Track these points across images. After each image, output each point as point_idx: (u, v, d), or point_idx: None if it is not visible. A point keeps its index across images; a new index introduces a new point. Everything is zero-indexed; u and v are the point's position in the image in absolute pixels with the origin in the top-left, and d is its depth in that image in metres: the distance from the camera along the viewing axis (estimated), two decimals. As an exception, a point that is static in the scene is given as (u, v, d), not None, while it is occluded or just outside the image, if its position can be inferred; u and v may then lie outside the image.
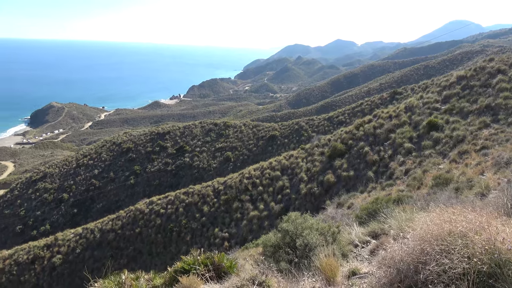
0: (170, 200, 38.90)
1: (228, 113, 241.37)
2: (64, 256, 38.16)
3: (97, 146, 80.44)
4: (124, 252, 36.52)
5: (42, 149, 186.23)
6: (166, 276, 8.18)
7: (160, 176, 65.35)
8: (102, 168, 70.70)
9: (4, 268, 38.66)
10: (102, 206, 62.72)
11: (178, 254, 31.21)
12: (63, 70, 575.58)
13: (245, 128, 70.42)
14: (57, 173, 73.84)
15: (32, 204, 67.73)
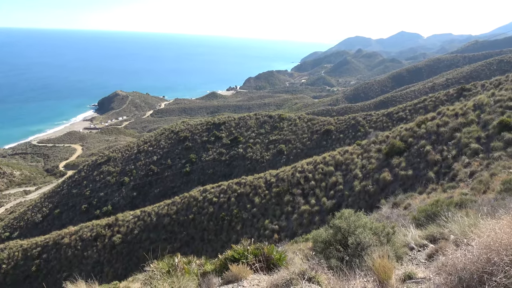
0: (223, 189, 39.78)
1: (283, 106, 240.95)
2: (123, 236, 40.60)
3: (157, 133, 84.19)
4: (177, 236, 38.05)
5: (107, 134, 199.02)
6: (217, 263, 8.38)
7: (214, 166, 67.04)
8: (160, 155, 73.96)
9: (70, 243, 42.01)
10: (159, 191, 65.73)
11: (229, 243, 31.93)
12: (128, 60, 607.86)
13: (300, 121, 69.88)
14: (119, 158, 78.47)
15: (97, 186, 72.70)
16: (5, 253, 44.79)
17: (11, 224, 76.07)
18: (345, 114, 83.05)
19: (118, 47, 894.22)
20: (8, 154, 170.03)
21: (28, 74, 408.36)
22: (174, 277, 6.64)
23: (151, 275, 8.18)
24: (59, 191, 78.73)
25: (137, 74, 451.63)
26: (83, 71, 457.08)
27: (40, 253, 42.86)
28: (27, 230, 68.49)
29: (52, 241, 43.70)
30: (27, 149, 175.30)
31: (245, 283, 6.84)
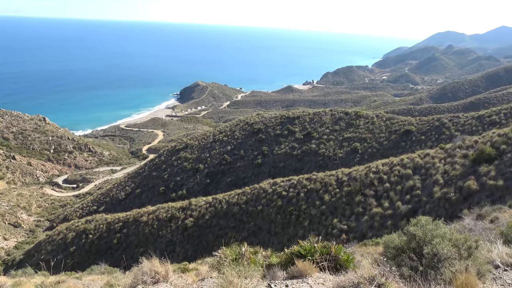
0: (292, 183, 39.73)
1: (360, 103, 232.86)
2: (195, 219, 42.63)
3: (232, 124, 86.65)
4: (245, 225, 38.94)
5: (186, 122, 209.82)
6: (283, 257, 8.37)
7: (286, 159, 67.20)
8: (234, 145, 76.07)
9: (148, 222, 45.20)
10: (231, 180, 67.75)
11: (295, 237, 31.86)
12: (208, 51, 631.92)
13: (378, 119, 66.95)
14: (196, 145, 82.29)
15: (174, 170, 77.14)
16: (92, 225, 49.66)
17: (98, 199, 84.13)
18: (428, 115, 77.69)
19: (187, 39, 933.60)
20: (100, 135, 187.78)
21: (117, 63, 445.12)
22: (241, 266, 6.77)
23: (219, 260, 8.44)
24: (141, 173, 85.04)
25: (217, 66, 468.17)
26: (165, 61, 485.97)
27: (121, 228, 46.78)
28: (111, 206, 75.20)
29: (132, 218, 47.41)
30: (115, 132, 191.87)
31: (310, 280, 6.72)
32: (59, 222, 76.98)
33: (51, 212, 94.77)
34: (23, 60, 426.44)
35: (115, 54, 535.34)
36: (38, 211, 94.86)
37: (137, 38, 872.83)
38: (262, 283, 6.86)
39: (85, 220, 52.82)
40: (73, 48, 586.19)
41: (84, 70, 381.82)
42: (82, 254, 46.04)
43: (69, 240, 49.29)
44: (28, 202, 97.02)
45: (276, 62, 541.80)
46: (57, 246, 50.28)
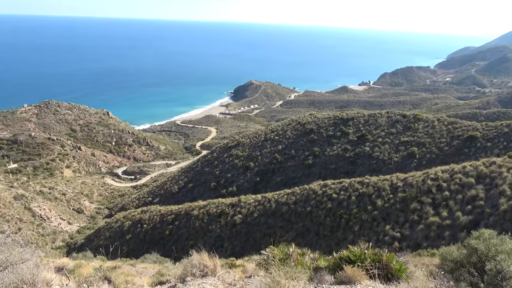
0: (344, 186, 38.82)
1: (420, 105, 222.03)
2: (243, 216, 43.12)
3: (284, 124, 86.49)
4: (293, 226, 38.70)
5: (239, 120, 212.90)
6: (331, 261, 8.16)
7: (338, 161, 65.83)
8: (285, 145, 75.90)
9: (199, 216, 46.46)
10: (281, 180, 67.68)
11: (344, 242, 31.10)
12: (263, 50, 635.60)
13: (439, 123, 63.39)
14: (247, 143, 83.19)
15: (225, 167, 78.58)
16: (147, 215, 52.03)
17: (153, 191, 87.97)
18: (496, 120, 72.21)
19: (254, 38, 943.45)
20: (157, 130, 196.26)
21: (178, 62, 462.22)
22: (288, 266, 6.69)
23: (266, 259, 8.43)
24: (194, 168, 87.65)
25: (271, 65, 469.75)
26: (224, 60, 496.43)
27: (173, 220, 48.53)
28: (165, 198, 78.30)
29: (184, 211, 49.00)
30: (172, 127, 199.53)
31: None
32: (117, 210, 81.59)
33: (111, 200, 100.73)
34: (91, 58, 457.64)
35: (178, 53, 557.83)
36: (99, 199, 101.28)
37: (203, 37, 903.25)
38: (309, 286, 6.73)
39: (141, 211, 55.48)
40: (142, 47, 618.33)
41: (147, 68, 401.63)
42: (136, 242, 48.41)
43: (126, 228, 52.05)
44: (91, 190, 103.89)
45: (333, 61, 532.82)
46: (114, 233, 53.33)
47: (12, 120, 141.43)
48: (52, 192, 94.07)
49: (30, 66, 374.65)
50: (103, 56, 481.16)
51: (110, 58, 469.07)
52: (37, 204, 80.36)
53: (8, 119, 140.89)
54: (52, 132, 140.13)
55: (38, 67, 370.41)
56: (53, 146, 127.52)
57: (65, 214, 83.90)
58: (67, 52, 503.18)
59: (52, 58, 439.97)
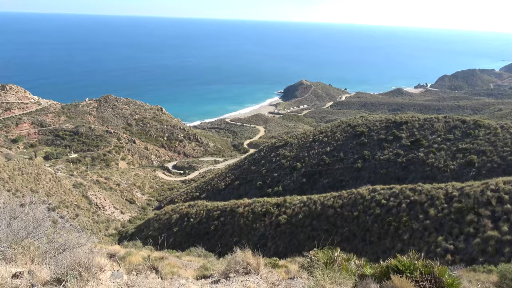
0: (394, 192, 37.37)
1: (482, 111, 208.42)
2: (288, 217, 42.93)
3: (333, 125, 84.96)
4: (339, 230, 37.89)
5: (287, 120, 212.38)
6: (377, 269, 7.86)
7: (388, 166, 63.52)
8: (334, 147, 74.54)
9: (243, 213, 46.93)
10: (327, 182, 66.57)
11: (392, 250, 29.97)
12: (316, 50, 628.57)
13: (502, 131, 59.08)
14: (295, 144, 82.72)
15: (272, 166, 78.70)
16: (194, 210, 53.44)
17: (201, 186, 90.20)
18: None
19: (310, 38, 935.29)
20: (207, 127, 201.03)
21: (232, 61, 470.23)
22: (332, 271, 6.54)
23: (310, 262, 8.31)
24: (241, 166, 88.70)
25: (324, 64, 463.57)
26: (276, 59, 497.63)
27: (219, 216, 49.42)
28: (212, 194, 79.98)
29: (230, 208, 49.74)
30: (221, 125, 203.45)
31: (406, 300, 6.19)
32: (166, 203, 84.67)
33: (160, 193, 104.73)
34: (156, 56, 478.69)
35: (234, 52, 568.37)
36: (149, 191, 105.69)
37: (267, 37, 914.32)
38: (354, 293, 6.53)
39: (188, 205, 57.12)
40: (210, 46, 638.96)
41: (205, 67, 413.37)
42: (183, 235, 49.89)
43: (173, 221, 53.84)
44: (143, 182, 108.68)
45: (387, 62, 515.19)
46: (162, 225, 55.37)
47: (74, 112, 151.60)
48: (108, 182, 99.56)
49: (95, 63, 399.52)
50: (166, 54, 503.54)
51: (172, 56, 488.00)
52: (93, 192, 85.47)
53: (71, 112, 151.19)
54: (110, 125, 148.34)
55: (102, 64, 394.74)
56: (110, 138, 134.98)
57: (118, 204, 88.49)
58: (135, 49, 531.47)
59: (114, 56, 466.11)
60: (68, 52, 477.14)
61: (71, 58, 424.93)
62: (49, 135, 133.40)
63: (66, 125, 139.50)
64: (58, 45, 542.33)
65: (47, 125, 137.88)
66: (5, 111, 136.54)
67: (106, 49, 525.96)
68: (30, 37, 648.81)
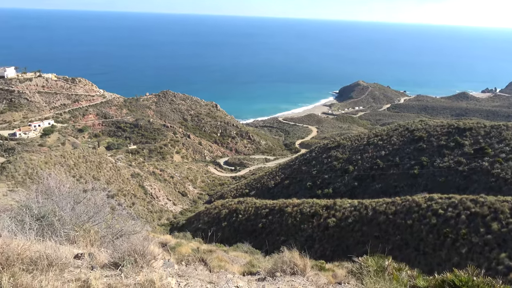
0: (453, 202, 35.25)
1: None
2: (337, 220, 42.10)
3: (390, 128, 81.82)
4: (390, 237, 36.49)
5: (341, 121, 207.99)
6: (431, 282, 7.46)
7: (448, 174, 59.97)
8: (389, 151, 71.80)
9: (292, 213, 46.75)
10: (380, 187, 64.29)
11: (447, 263, 28.34)
12: (373, 49, 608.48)
13: None
14: (348, 146, 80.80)
15: (323, 168, 77.53)
16: (243, 206, 54.15)
17: (251, 183, 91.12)
18: None
19: (371, 38, 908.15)
20: (259, 125, 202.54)
21: (293, 60, 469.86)
22: (382, 280, 6.31)
23: (359, 268, 8.07)
24: (291, 165, 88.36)
25: (383, 65, 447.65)
26: (334, 59, 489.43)
27: (267, 214, 49.65)
28: (261, 192, 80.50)
29: (278, 207, 49.78)
30: (273, 124, 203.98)
31: (463, 318, 5.81)
32: (216, 198, 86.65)
33: (211, 188, 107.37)
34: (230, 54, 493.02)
35: (293, 50, 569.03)
36: (201, 185, 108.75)
37: (327, 36, 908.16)
38: (405, 305, 6.24)
39: (238, 201, 58.01)
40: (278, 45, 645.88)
41: (258, 65, 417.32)
42: (231, 231, 50.78)
43: (222, 216, 54.96)
44: (195, 176, 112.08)
45: (452, 64, 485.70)
46: (212, 219, 56.74)
47: (135, 106, 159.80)
48: (163, 174, 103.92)
49: (168, 60, 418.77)
50: (239, 52, 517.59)
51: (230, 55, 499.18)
52: (149, 183, 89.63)
53: (132, 105, 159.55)
54: (167, 120, 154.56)
55: (176, 60, 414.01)
56: (166, 132, 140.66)
57: (171, 195, 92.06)
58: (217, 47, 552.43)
59: (179, 53, 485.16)
60: (132, 48, 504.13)
61: (132, 53, 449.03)
62: (112, 126, 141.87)
63: (127, 118, 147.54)
64: (128, 40, 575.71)
65: (110, 117, 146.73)
66: (73, 103, 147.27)
67: (172, 47, 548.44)
68: (102, 33, 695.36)
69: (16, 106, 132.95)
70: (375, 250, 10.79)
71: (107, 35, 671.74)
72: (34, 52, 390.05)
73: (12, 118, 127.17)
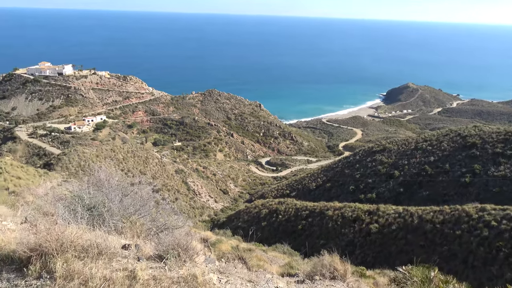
0: (508, 214, 33.04)
1: None
2: (380, 227, 40.84)
3: (440, 133, 78.14)
4: (436, 248, 34.85)
5: (388, 124, 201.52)
6: (481, 298, 7.04)
7: (503, 184, 56.26)
8: (438, 157, 68.58)
9: (333, 217, 45.98)
10: (428, 195, 61.55)
11: (500, 279, 26.62)
12: (423, 50, 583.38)
13: None
14: (394, 150, 78.13)
15: (367, 171, 75.53)
16: (283, 207, 54.02)
17: (292, 184, 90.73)
18: None
19: (423, 38, 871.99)
20: (302, 126, 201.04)
21: (339, 61, 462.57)
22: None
23: (403, 278, 7.79)
24: (334, 168, 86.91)
25: (436, 67, 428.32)
26: (381, 60, 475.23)
27: (307, 216, 49.18)
28: (302, 193, 79.90)
29: (319, 209, 49.15)
30: (317, 125, 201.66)
31: None
32: (257, 197, 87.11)
33: (252, 187, 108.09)
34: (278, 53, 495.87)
35: (339, 51, 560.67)
36: (242, 184, 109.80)
37: (374, 36, 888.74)
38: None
39: (278, 201, 57.95)
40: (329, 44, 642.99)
41: (303, 65, 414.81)
42: (270, 231, 50.84)
43: (262, 215, 55.16)
44: (236, 175, 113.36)
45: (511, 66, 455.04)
46: (252, 218, 57.11)
47: (182, 104, 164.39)
48: (205, 171, 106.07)
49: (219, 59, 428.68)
50: (288, 51, 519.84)
51: (273, 54, 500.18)
52: (192, 179, 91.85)
53: (179, 103, 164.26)
54: (211, 118, 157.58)
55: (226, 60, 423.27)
56: (210, 130, 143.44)
57: (213, 193, 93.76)
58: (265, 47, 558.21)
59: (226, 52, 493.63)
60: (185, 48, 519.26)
61: (184, 52, 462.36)
62: (159, 123, 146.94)
63: (173, 115, 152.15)
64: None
65: (157, 114, 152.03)
66: (124, 99, 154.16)
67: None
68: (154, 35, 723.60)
69: (72, 101, 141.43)
70: (420, 260, 10.35)
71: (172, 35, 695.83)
72: (90, 50, 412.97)
73: (68, 113, 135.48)
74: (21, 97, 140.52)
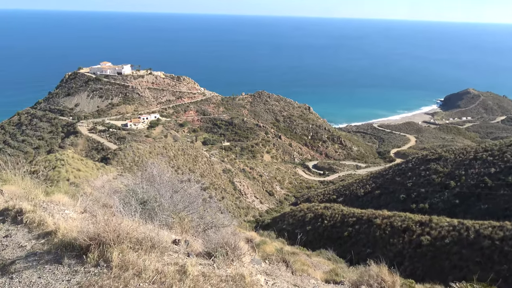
0: None
1: None
2: (432, 239, 38.84)
3: (503, 143, 72.87)
4: (495, 266, 32.52)
5: (444, 132, 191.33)
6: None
7: None
8: (500, 169, 63.98)
9: (381, 225, 44.44)
10: (487, 208, 57.60)
11: None
12: (487, 54, 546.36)
13: None
14: (451, 159, 74.02)
15: (419, 180, 72.19)
16: (329, 212, 53.11)
17: (339, 189, 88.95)
18: None
19: (484, 41, 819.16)
20: (352, 130, 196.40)
21: (388, 63, 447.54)
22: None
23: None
24: (384, 175, 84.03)
25: (499, 72, 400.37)
26: (438, 64, 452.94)
27: (354, 223, 47.94)
28: (349, 199, 78.08)
29: (367, 217, 47.72)
30: (367, 130, 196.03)
31: None
32: (303, 201, 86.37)
33: (298, 190, 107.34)
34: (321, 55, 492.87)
35: (390, 54, 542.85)
36: (288, 186, 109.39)
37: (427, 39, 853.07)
38: None
39: (324, 206, 57.08)
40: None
41: (354, 68, 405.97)
42: (315, 235, 50.18)
43: (307, 219, 54.59)
44: (283, 177, 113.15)
45: None
46: (297, 221, 56.73)
47: (231, 105, 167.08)
48: (252, 172, 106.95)
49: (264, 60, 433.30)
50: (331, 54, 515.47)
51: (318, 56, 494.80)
52: (238, 180, 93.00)
53: (229, 104, 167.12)
54: (260, 120, 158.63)
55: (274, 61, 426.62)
56: (259, 132, 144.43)
57: (258, 194, 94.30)
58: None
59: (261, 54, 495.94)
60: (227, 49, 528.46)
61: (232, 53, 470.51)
62: (209, 123, 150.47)
63: (223, 116, 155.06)
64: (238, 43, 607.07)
65: (208, 114, 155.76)
66: (177, 99, 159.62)
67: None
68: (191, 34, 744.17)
69: (129, 100, 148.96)
70: (476, 277, 9.73)
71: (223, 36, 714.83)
72: (147, 52, 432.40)
73: (125, 111, 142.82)
74: (83, 95, 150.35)
